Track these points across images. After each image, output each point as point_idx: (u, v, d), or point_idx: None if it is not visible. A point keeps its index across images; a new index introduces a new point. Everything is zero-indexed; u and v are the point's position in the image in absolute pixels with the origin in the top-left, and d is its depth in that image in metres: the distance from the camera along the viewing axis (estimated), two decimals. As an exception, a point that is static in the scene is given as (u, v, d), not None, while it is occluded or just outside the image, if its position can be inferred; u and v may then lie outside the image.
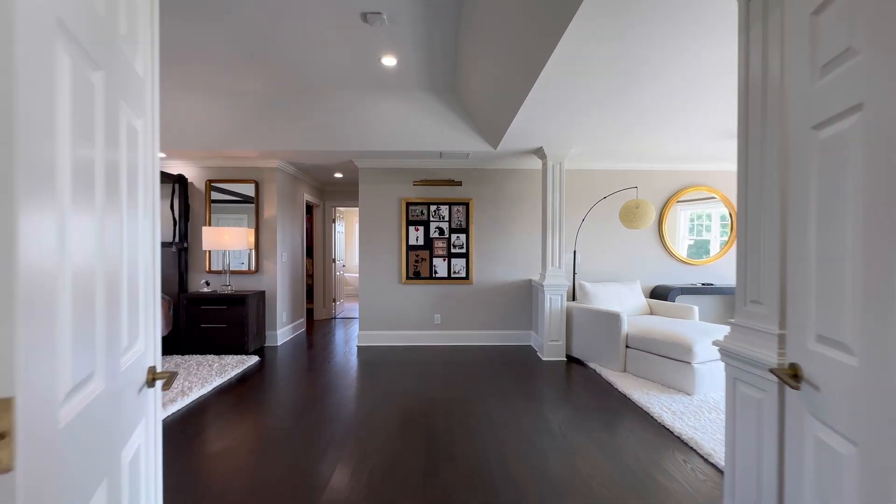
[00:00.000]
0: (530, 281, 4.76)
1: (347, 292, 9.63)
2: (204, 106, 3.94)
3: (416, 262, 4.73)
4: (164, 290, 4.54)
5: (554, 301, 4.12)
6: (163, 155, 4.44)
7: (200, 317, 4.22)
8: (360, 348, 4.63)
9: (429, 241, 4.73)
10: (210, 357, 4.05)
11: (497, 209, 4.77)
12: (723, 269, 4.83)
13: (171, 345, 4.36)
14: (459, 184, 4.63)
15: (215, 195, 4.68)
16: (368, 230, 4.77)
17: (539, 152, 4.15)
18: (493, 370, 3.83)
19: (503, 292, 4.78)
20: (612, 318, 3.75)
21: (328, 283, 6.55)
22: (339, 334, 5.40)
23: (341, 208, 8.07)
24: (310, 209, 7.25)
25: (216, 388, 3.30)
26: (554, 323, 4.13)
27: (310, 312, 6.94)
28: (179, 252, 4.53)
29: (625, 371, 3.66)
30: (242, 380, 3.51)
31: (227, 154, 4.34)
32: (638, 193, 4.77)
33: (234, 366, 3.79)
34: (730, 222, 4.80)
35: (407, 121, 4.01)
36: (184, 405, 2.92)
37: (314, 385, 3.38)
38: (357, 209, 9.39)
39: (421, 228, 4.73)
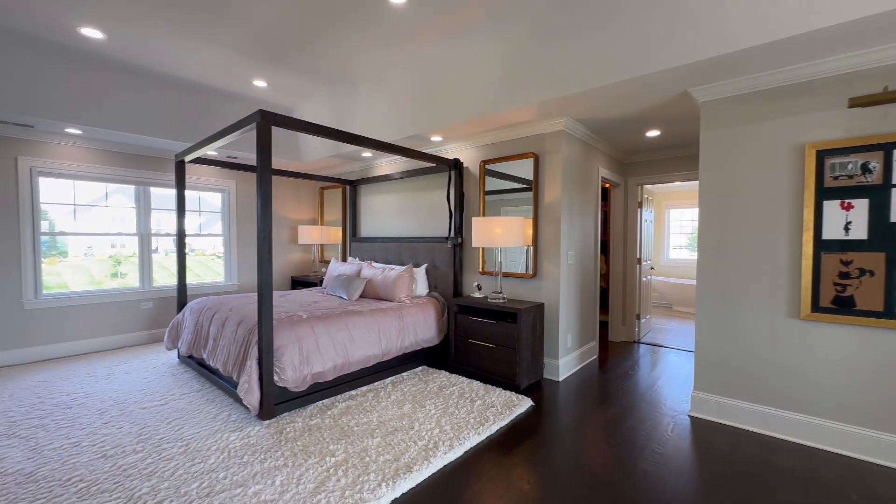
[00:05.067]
0: None
1: (655, 302, 7.30)
2: (463, 56, 3.00)
3: (844, 277, 2.20)
4: (439, 291, 4.06)
5: None
6: (439, 138, 3.91)
7: (469, 330, 3.40)
8: (694, 421, 2.62)
9: (885, 231, 2.09)
10: (475, 385, 3.14)
11: None
12: None
13: (441, 356, 3.80)
14: None
15: (489, 181, 3.80)
16: (715, 210, 2.63)
17: None
18: None
19: None
20: None
21: (630, 293, 4.69)
22: (646, 374, 3.50)
23: (650, 187, 5.93)
24: (605, 192, 5.55)
25: (466, 451, 2.24)
26: None
27: (602, 327, 5.29)
28: (454, 248, 3.93)
29: None
30: (506, 439, 2.33)
31: (500, 121, 3.31)
32: None
33: (500, 410, 2.69)
34: None
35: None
36: (421, 479, 1.98)
37: (622, 489, 1.77)
38: (681, 184, 6.87)
39: (860, 203, 2.15)
